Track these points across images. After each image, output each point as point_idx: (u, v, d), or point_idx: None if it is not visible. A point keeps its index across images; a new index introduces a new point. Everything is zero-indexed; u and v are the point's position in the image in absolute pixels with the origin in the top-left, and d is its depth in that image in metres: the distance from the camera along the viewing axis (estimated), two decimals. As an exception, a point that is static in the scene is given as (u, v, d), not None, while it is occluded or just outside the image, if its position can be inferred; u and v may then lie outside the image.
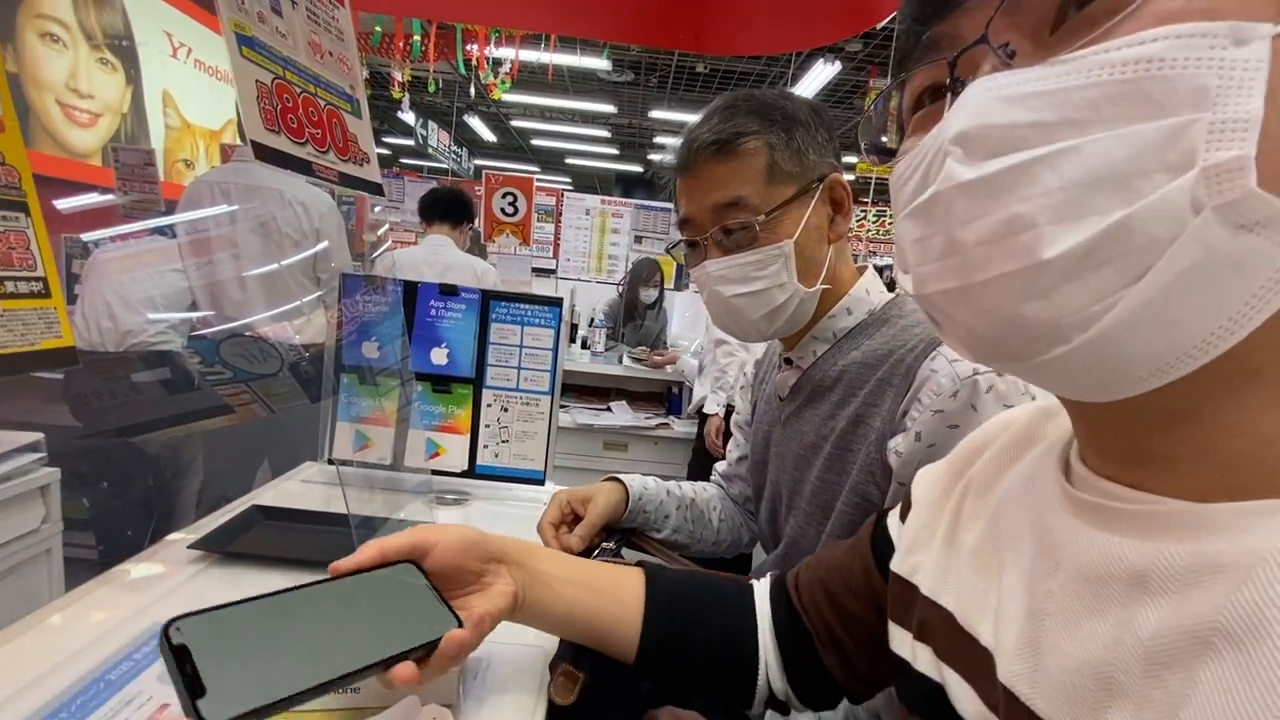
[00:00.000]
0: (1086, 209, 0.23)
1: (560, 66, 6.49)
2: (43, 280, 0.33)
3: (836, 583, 0.53)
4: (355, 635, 0.43)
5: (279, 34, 0.59)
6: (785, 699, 0.56)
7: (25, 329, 0.31)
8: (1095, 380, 0.26)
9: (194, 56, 4.36)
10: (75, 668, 0.53)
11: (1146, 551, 0.26)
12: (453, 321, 1.01)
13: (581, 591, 0.55)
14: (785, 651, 0.56)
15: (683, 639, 0.56)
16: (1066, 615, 0.30)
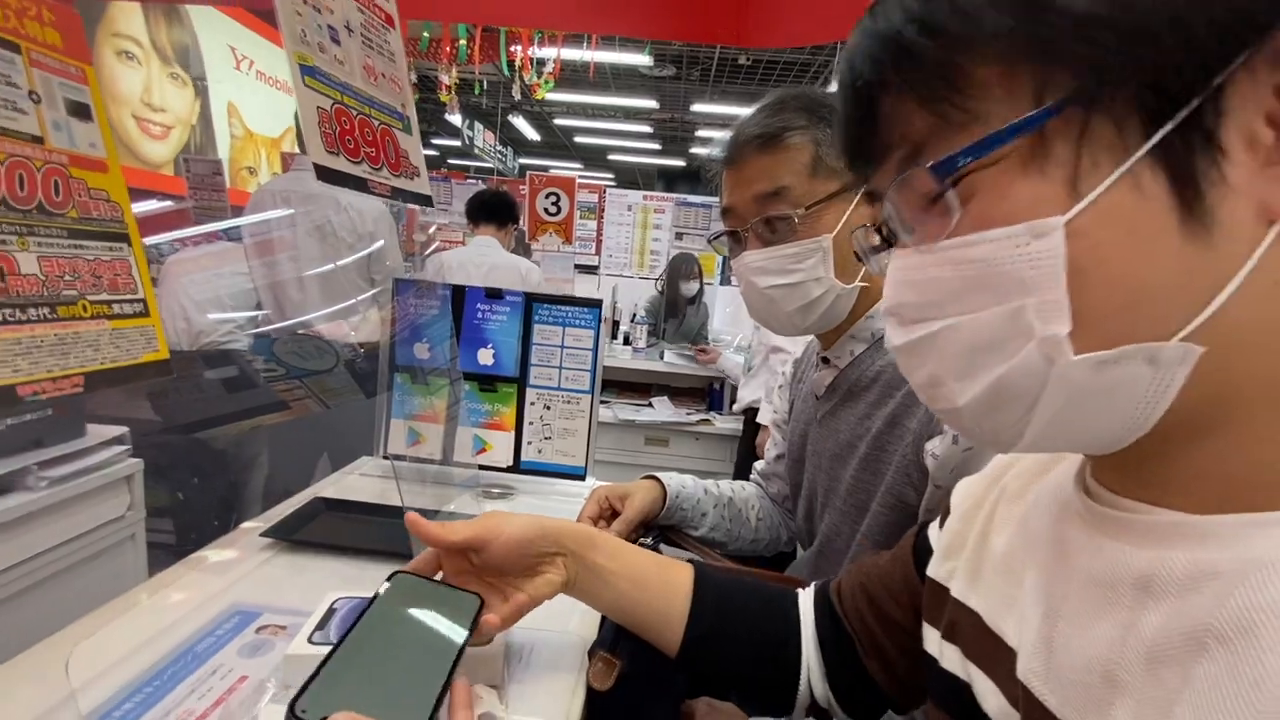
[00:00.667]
0: (976, 368, 0.29)
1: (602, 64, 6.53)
2: (143, 302, 0.38)
3: (879, 589, 0.55)
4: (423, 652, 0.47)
5: (337, 61, 0.64)
6: (827, 705, 0.57)
7: (130, 345, 0.36)
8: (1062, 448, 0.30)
9: (255, 68, 4.57)
10: (165, 641, 0.59)
11: (1151, 558, 0.28)
12: (498, 323, 1.05)
13: (632, 585, 0.58)
14: (828, 656, 0.57)
15: (725, 637, 0.58)
16: (1078, 616, 0.32)
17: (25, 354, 0.31)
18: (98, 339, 0.35)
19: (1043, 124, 0.25)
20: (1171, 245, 0.24)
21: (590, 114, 9.01)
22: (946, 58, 0.27)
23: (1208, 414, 0.26)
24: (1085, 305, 0.25)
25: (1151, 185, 0.24)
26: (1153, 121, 0.24)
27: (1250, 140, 0.24)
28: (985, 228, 0.27)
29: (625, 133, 9.91)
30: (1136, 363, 0.25)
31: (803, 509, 0.92)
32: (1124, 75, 0.24)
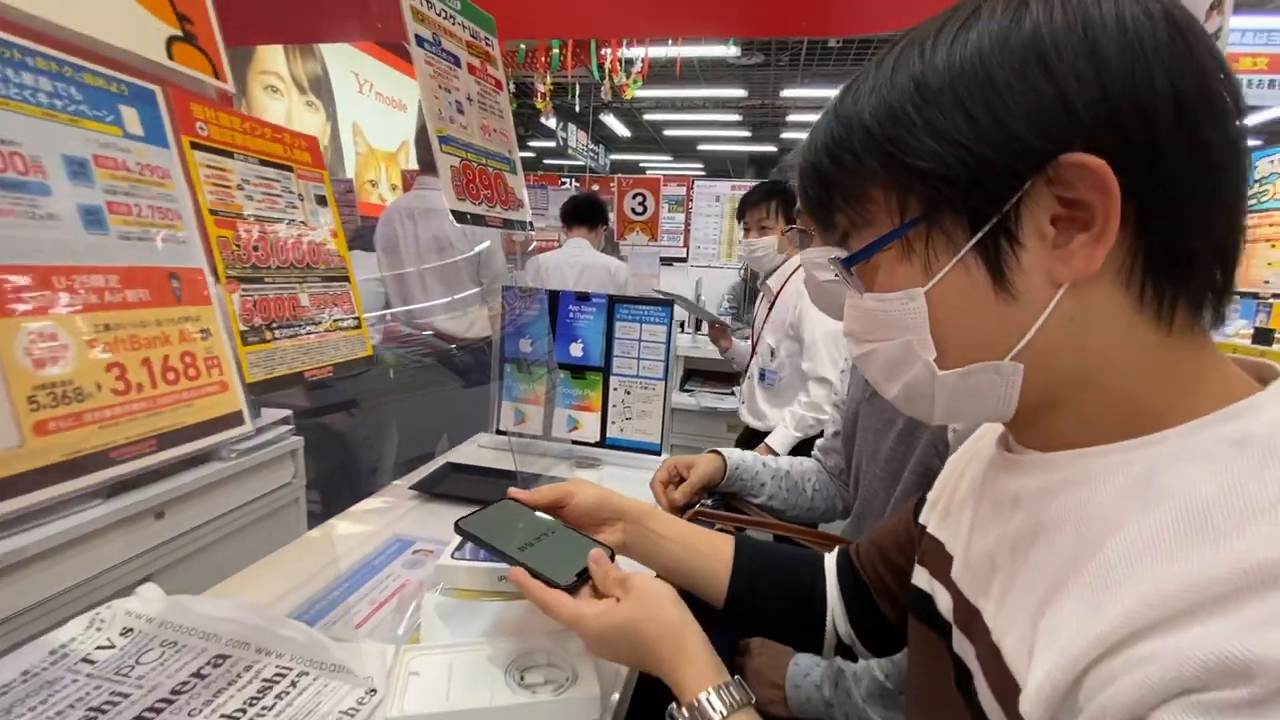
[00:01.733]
0: (893, 376, 0.42)
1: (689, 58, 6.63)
2: (357, 319, 0.58)
3: (888, 542, 0.67)
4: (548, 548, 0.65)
5: (462, 128, 0.84)
6: (850, 644, 0.69)
7: (352, 347, 0.57)
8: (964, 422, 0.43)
9: (374, 90, 5.06)
10: (348, 559, 0.83)
11: (1021, 482, 0.42)
12: (586, 321, 1.24)
13: (683, 549, 0.71)
14: (848, 601, 0.67)
15: (761, 591, 0.71)
16: (982, 527, 0.46)
17: (305, 354, 0.52)
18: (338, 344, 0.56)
19: (905, 234, 0.38)
20: (990, 305, 0.37)
21: (679, 107, 9.13)
22: (849, 180, 0.41)
23: (1046, 397, 0.39)
24: (942, 341, 0.39)
25: (974, 268, 0.36)
26: (972, 231, 0.36)
27: (1040, 234, 0.35)
28: (885, 291, 0.40)
29: (714, 122, 9.94)
30: (986, 374, 0.39)
31: (854, 478, 1.04)
32: (949, 204, 0.36)
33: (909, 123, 0.36)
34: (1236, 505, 0.30)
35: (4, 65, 0.32)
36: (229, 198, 0.46)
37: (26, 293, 0.31)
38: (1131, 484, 0.34)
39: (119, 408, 0.35)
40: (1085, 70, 0.33)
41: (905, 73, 0.37)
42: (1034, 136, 0.33)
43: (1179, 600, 0.29)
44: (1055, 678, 0.32)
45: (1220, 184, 0.34)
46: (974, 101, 0.34)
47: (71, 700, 0.53)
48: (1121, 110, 0.32)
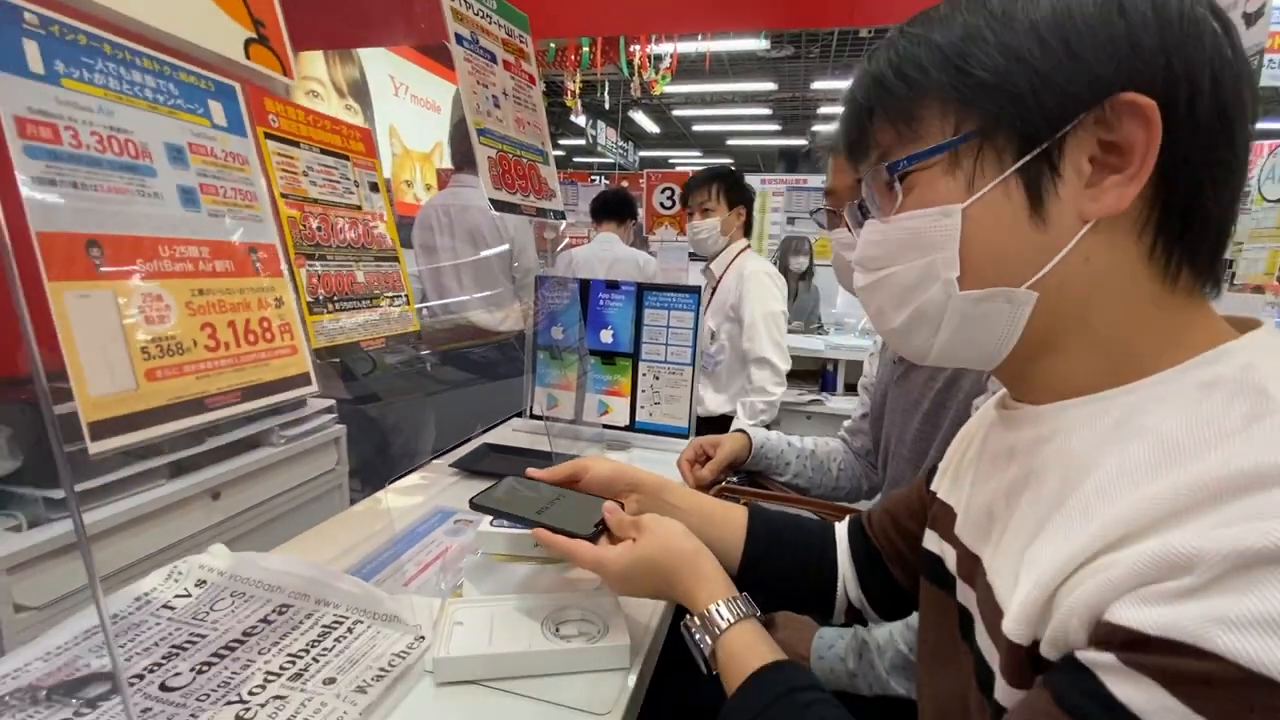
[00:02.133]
0: (906, 301, 0.43)
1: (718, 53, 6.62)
2: (405, 296, 0.63)
3: (901, 510, 0.69)
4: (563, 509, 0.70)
5: (498, 121, 0.89)
6: (860, 609, 0.72)
7: (402, 322, 0.62)
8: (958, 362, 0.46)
9: (410, 92, 5.20)
10: (395, 528, 0.88)
11: (1015, 435, 0.44)
12: (616, 309, 1.29)
13: (698, 519, 0.73)
14: (859, 566, 0.70)
15: (774, 558, 0.73)
16: (981, 481, 0.48)
17: (361, 326, 0.57)
18: (389, 318, 0.61)
19: (957, 147, 0.39)
20: (1022, 229, 0.38)
21: (708, 102, 9.11)
22: (907, 95, 0.41)
23: (1044, 339, 0.41)
24: (969, 260, 0.40)
25: (1015, 191, 0.38)
26: (1021, 153, 0.38)
27: (1078, 171, 0.37)
28: (919, 208, 0.41)
29: (743, 117, 9.90)
30: (1000, 300, 0.40)
31: (882, 459, 1.06)
32: (1006, 123, 0.38)
33: (982, 40, 0.38)
34: (1202, 435, 0.32)
35: (119, 65, 0.37)
36: (296, 182, 0.51)
37: (139, 259, 0.36)
38: (1111, 427, 0.37)
39: (210, 362, 0.40)
40: (1151, 21, 0.35)
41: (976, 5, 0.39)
42: (1099, 68, 0.36)
43: (1143, 517, 0.31)
44: (1033, 596, 0.35)
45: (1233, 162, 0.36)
46: (1049, 28, 0.37)
47: (156, 639, 0.59)
48: (1174, 65, 0.35)
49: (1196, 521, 0.29)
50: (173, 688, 0.53)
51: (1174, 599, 0.28)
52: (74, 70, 0.35)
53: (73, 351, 0.32)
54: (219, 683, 0.54)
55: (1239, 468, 0.29)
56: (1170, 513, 0.30)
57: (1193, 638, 0.27)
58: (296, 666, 0.56)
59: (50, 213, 0.32)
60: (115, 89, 0.37)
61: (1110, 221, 0.37)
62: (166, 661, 0.56)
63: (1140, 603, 0.29)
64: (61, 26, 0.35)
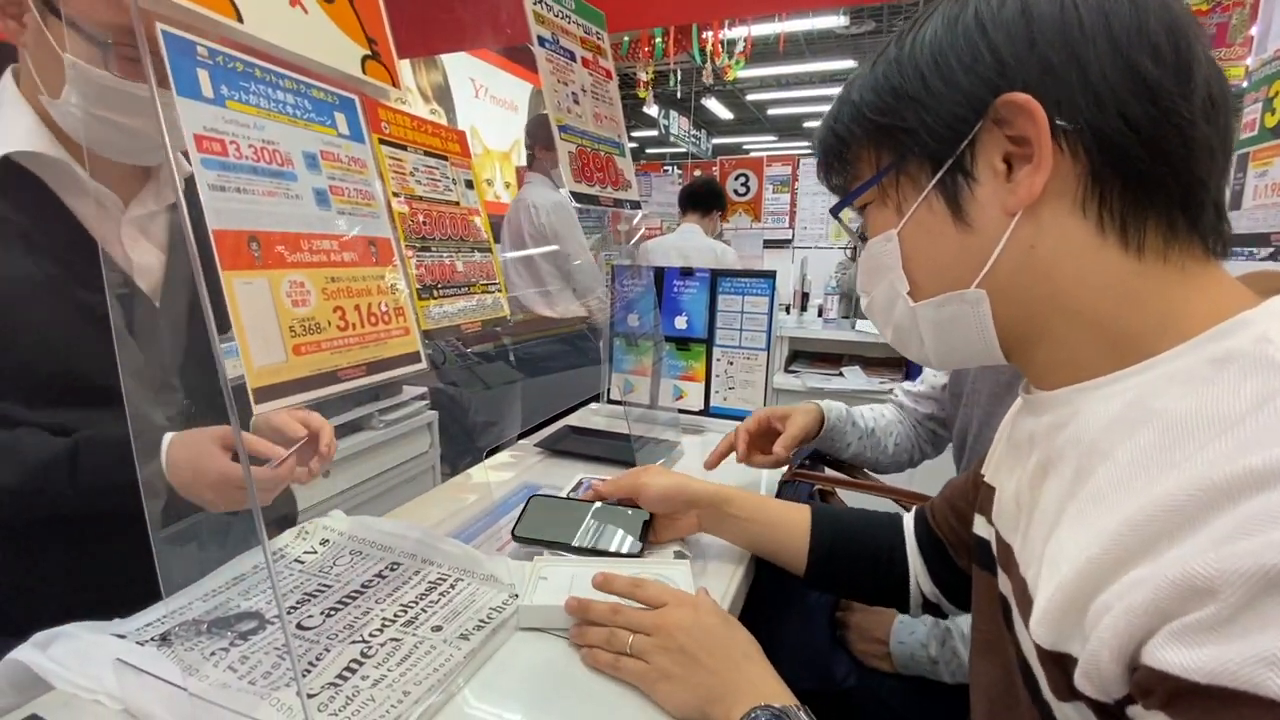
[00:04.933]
0: (887, 319, 0.48)
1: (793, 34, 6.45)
2: (498, 284, 0.69)
3: (960, 500, 0.67)
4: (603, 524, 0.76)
5: (578, 116, 0.93)
6: (937, 601, 0.70)
7: (493, 309, 0.68)
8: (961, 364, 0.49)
9: (489, 94, 5.40)
10: (489, 499, 0.95)
11: (1033, 422, 0.44)
12: (690, 295, 1.31)
13: (763, 526, 0.76)
14: (928, 560, 0.70)
15: (840, 557, 0.73)
16: (1007, 468, 0.49)
17: (461, 311, 0.63)
18: (484, 303, 0.67)
19: (879, 181, 0.45)
20: (952, 236, 0.42)
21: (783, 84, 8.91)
22: (841, 148, 0.48)
23: (1028, 330, 0.42)
24: (913, 274, 0.45)
25: (937, 205, 0.42)
26: (934, 173, 0.41)
27: (993, 170, 0.39)
28: (874, 237, 0.47)
29: (821, 98, 9.61)
30: (956, 303, 0.43)
31: (958, 437, 1.03)
32: (912, 153, 0.42)
33: (880, 91, 0.43)
34: (1211, 419, 0.31)
35: (267, 86, 0.44)
36: (405, 182, 0.57)
37: (287, 251, 0.43)
38: (1123, 410, 0.36)
39: (341, 340, 0.46)
40: (1016, 25, 0.38)
41: (886, 58, 0.44)
42: (972, 85, 0.39)
43: (1157, 522, 0.30)
44: (1056, 599, 0.34)
45: (1167, 111, 0.36)
46: (927, 64, 0.41)
47: (291, 587, 0.68)
48: (1052, 53, 0.37)
49: (1207, 527, 0.28)
50: (307, 627, 0.61)
51: (1209, 634, 0.26)
52: (235, 93, 0.42)
53: (241, 330, 0.39)
54: (344, 625, 0.61)
55: (1248, 465, 0.27)
56: (1184, 517, 0.29)
57: (1243, 683, 0.25)
58: (409, 615, 0.63)
59: (222, 214, 0.39)
60: (265, 107, 0.43)
61: (1043, 207, 0.38)
62: (300, 606, 0.65)
63: (1177, 642, 0.27)
64: (225, 56, 0.42)
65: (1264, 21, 1.40)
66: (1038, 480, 0.43)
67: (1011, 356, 0.45)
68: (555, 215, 2.31)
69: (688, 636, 0.56)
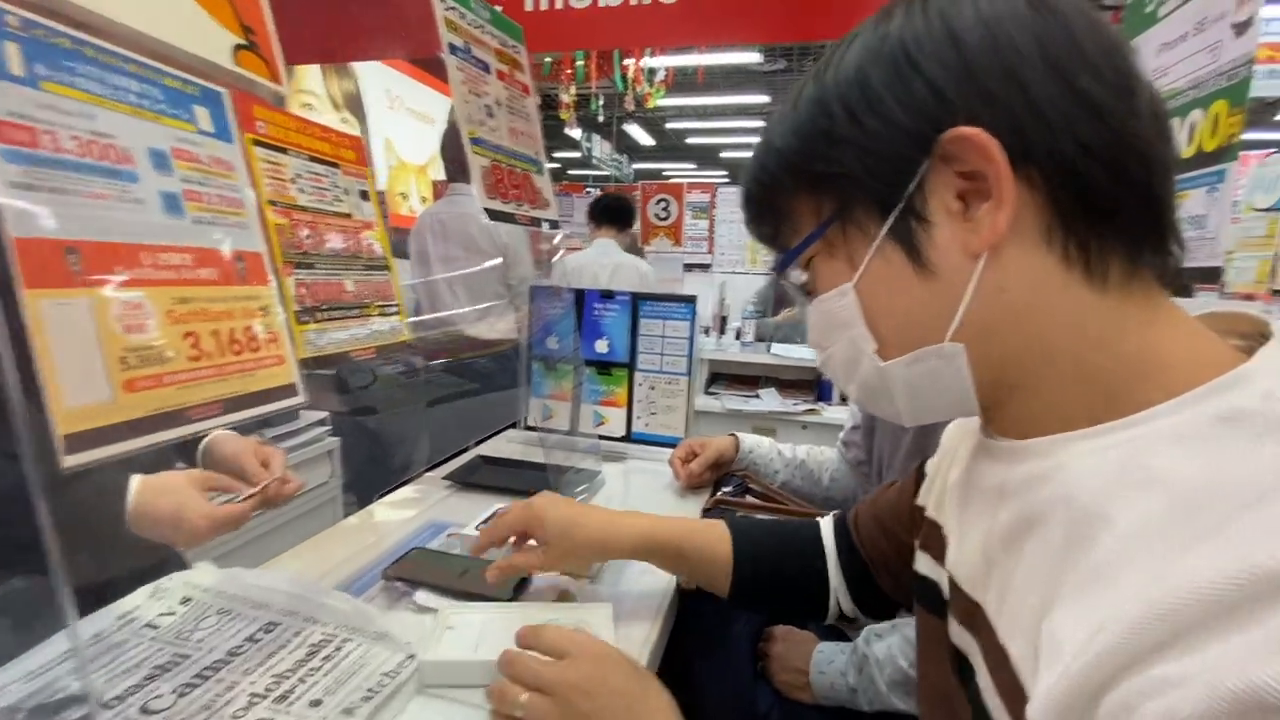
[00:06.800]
0: (850, 377, 0.44)
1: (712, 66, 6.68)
2: (396, 306, 0.62)
3: (889, 517, 0.66)
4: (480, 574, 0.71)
5: (493, 130, 0.88)
6: (853, 615, 0.71)
7: (391, 334, 0.61)
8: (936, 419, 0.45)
9: (405, 105, 5.22)
10: (386, 542, 0.87)
11: (1004, 470, 0.40)
12: (611, 318, 1.28)
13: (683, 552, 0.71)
14: (849, 577, 0.69)
15: (764, 575, 0.70)
16: (971, 517, 0.45)
17: (350, 337, 0.56)
18: (379, 328, 0.60)
19: (823, 232, 0.41)
20: (915, 286, 0.38)
21: (702, 114, 9.18)
22: (771, 198, 0.44)
23: (1007, 379, 0.38)
24: (879, 331, 0.40)
25: (893, 254, 0.38)
26: (882, 219, 0.38)
27: (948, 210, 0.36)
28: (823, 292, 0.43)
29: (737, 130, 9.98)
30: (931, 359, 0.39)
31: (875, 472, 1.06)
32: (856, 198, 0.39)
33: (809, 135, 0.40)
34: (1233, 491, 0.28)
35: (102, 69, 0.36)
36: (284, 189, 0.50)
37: (119, 266, 0.35)
38: (1118, 470, 0.32)
39: (193, 372, 0.39)
40: (948, 55, 0.35)
41: (806, 96, 0.40)
42: (912, 122, 0.36)
43: (1189, 611, 0.26)
44: (1061, 687, 0.30)
45: (1120, 132, 0.34)
46: (858, 104, 0.37)
47: (138, 660, 0.58)
48: (992, 81, 0.34)
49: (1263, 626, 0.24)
50: (154, 710, 0.51)
51: None
52: (56, 74, 0.34)
53: (48, 361, 0.31)
54: (201, 705, 0.52)
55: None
56: (1224, 609, 0.25)
57: None
58: (282, 688, 0.55)
59: (27, 218, 0.31)
60: (98, 93, 0.36)
61: (1008, 245, 0.35)
62: (149, 683, 0.55)
63: None
64: (45, 29, 0.34)
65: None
66: (1017, 538, 0.38)
67: (986, 409, 0.42)
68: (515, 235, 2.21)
69: (589, 701, 0.50)
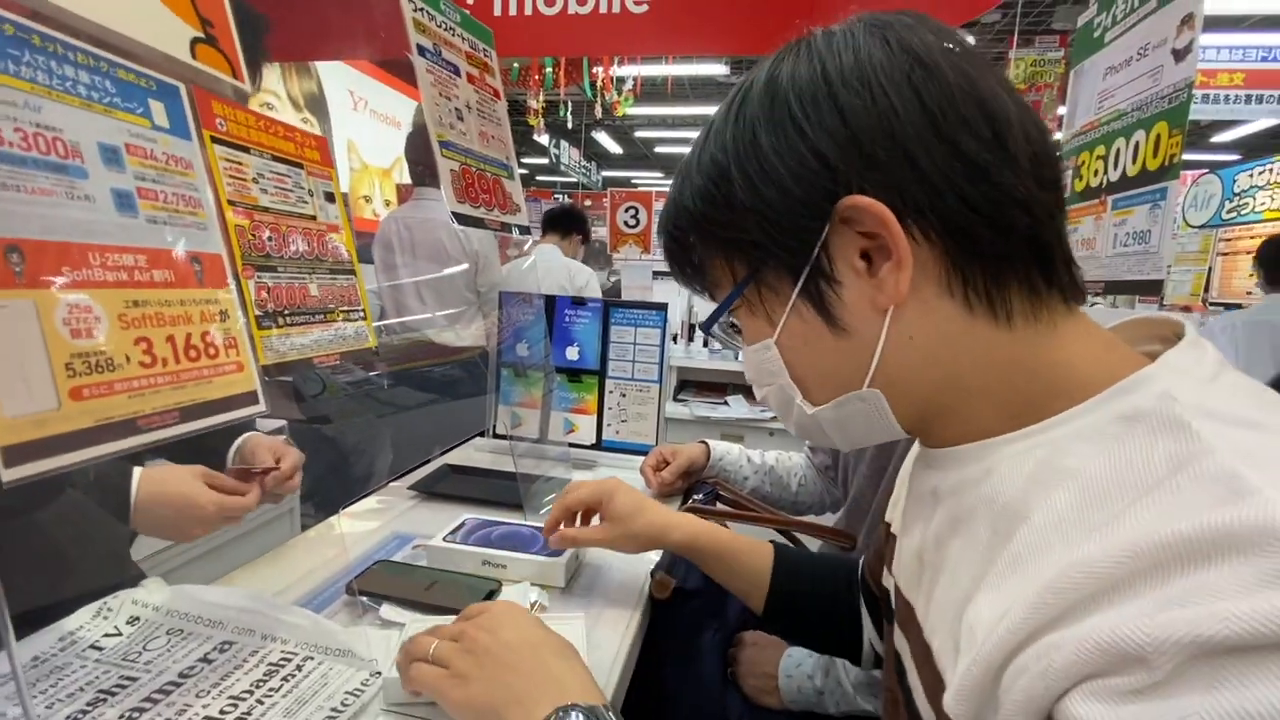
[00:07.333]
0: (786, 415, 0.46)
1: (680, 77, 6.74)
2: (362, 311, 0.60)
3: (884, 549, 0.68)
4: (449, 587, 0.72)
5: (462, 134, 0.87)
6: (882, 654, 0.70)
7: (356, 340, 0.59)
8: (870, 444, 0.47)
9: (369, 107, 5.12)
10: (349, 555, 0.84)
11: (937, 477, 0.43)
12: (582, 325, 1.27)
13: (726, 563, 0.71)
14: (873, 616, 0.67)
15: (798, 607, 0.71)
16: (909, 522, 0.47)
17: (314, 343, 0.54)
18: (344, 333, 0.58)
19: (740, 294, 0.42)
20: (830, 342, 0.40)
21: (670, 124, 9.26)
22: (686, 256, 0.45)
23: (929, 410, 0.41)
24: (802, 381, 0.43)
25: (806, 312, 0.40)
26: (794, 280, 0.39)
27: (854, 269, 0.38)
28: (750, 343, 0.45)
29: (705, 140, 10.06)
30: (854, 403, 0.41)
31: (840, 475, 1.07)
32: (765, 262, 0.40)
33: (713, 200, 0.41)
34: (1128, 483, 0.30)
35: (49, 58, 0.34)
36: (245, 189, 0.48)
37: (65, 267, 0.33)
38: (1035, 469, 0.35)
39: (146, 379, 0.37)
40: (831, 120, 0.36)
41: (708, 155, 0.41)
42: (806, 193, 0.37)
43: (1080, 588, 0.28)
44: (974, 673, 0.32)
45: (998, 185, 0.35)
46: (755, 172, 0.38)
47: (81, 684, 0.54)
48: (877, 147, 0.35)
49: (1140, 596, 0.27)
50: (98, 738, 0.48)
51: (1133, 697, 0.25)
52: (-3, 62, 0.32)
53: (-17, 367, 0.29)
54: (151, 730, 0.49)
55: (1176, 532, 0.27)
56: (1109, 584, 0.28)
57: None
58: (239, 710, 0.52)
59: (-38, 215, 0.29)
60: (44, 83, 0.34)
61: (911, 297, 0.37)
62: (92, 709, 0.51)
63: (1094, 698, 0.26)
64: (-17, 15, 0.32)
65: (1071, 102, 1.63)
66: (944, 539, 0.41)
67: (914, 432, 0.44)
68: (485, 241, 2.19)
69: (489, 636, 0.50)
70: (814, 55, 0.38)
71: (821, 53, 0.38)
